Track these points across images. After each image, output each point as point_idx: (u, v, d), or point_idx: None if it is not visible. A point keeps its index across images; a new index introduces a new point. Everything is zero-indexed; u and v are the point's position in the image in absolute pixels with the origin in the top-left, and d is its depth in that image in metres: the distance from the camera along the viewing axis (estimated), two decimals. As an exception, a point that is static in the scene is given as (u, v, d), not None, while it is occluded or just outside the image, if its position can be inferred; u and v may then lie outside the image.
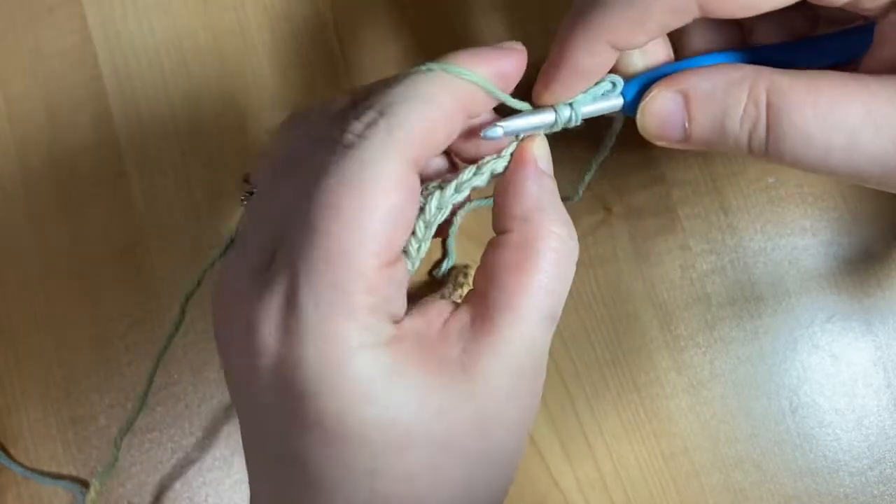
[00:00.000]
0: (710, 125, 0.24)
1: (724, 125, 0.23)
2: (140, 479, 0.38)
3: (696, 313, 0.37)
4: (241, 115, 0.39)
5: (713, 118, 0.23)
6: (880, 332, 0.36)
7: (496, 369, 0.22)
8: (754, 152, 0.23)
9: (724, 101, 0.23)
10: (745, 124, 0.23)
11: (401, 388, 0.21)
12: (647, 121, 0.24)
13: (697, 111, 0.24)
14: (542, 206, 0.23)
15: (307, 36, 0.39)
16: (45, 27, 0.40)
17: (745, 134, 0.23)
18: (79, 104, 0.40)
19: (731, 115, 0.23)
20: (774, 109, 0.22)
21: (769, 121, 0.23)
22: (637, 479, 0.36)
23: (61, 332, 0.39)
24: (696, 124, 0.24)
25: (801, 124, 0.22)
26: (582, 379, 0.37)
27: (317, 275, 0.20)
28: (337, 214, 0.20)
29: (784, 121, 0.22)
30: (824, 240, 0.37)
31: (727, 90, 0.23)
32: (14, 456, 0.38)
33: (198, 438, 0.38)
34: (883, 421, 0.36)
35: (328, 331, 0.20)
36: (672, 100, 0.24)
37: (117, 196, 0.39)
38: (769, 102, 0.22)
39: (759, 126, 0.23)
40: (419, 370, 0.21)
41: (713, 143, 0.24)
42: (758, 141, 0.23)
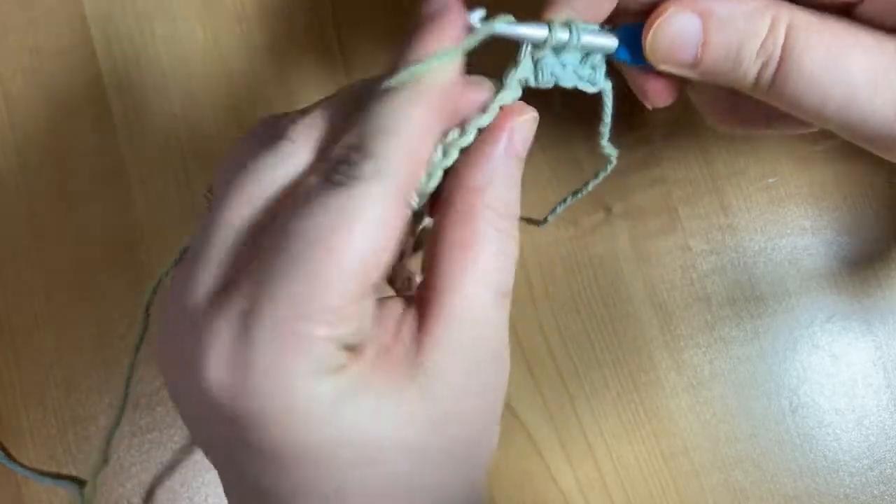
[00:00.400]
0: (724, 52, 0.23)
1: (739, 54, 0.23)
2: (140, 479, 0.38)
3: (696, 313, 0.37)
4: (241, 115, 0.39)
5: (729, 45, 0.22)
6: (880, 332, 0.36)
7: (447, 360, 0.21)
8: (758, 87, 0.23)
9: (744, 29, 0.22)
10: (759, 57, 0.22)
11: (357, 405, 0.19)
12: (659, 39, 0.23)
13: (714, 35, 0.23)
14: (493, 182, 0.22)
15: (307, 35, 0.39)
16: (45, 27, 0.40)
17: (756, 67, 0.23)
18: (79, 104, 0.40)
19: (749, 45, 0.22)
20: (789, 47, 0.22)
21: (782, 57, 0.22)
22: (637, 479, 0.36)
23: (61, 332, 0.39)
24: (710, 49, 0.23)
25: (809, 68, 0.22)
26: (582, 379, 0.37)
27: (281, 303, 0.18)
28: (318, 247, 0.18)
29: (795, 61, 0.22)
30: (824, 240, 0.37)
31: (750, 18, 0.22)
32: (14, 456, 0.38)
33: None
34: (883, 421, 0.36)
35: (283, 362, 0.18)
36: (689, 20, 0.23)
37: (117, 196, 0.39)
38: (786, 39, 0.22)
39: (772, 61, 0.22)
40: (375, 382, 0.20)
41: (720, 73, 0.23)
42: (766, 76, 0.23)
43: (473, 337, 0.21)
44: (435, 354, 0.20)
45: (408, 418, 0.20)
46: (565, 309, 0.37)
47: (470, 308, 0.21)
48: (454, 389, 0.21)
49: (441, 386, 0.21)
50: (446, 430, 0.21)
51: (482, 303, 0.21)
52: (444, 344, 0.21)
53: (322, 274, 0.18)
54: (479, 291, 0.21)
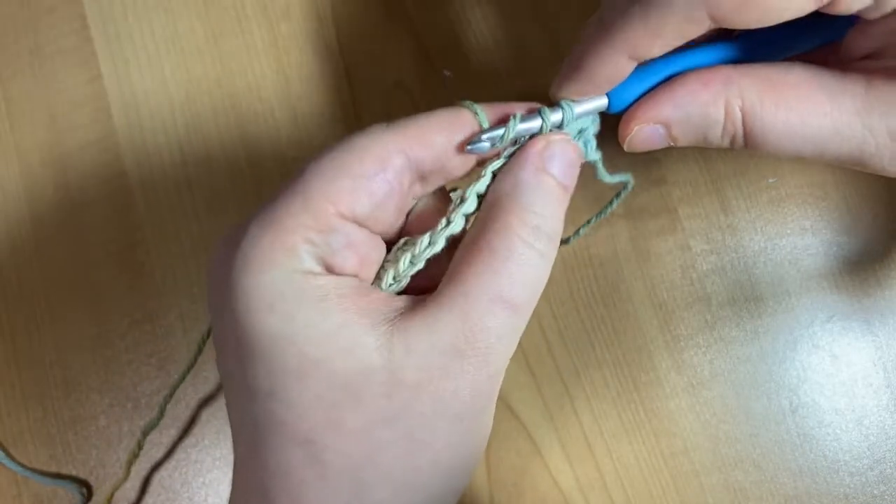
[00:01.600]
0: (694, 141, 0.26)
1: (706, 138, 0.25)
2: (140, 479, 0.38)
3: (696, 313, 0.37)
4: (241, 114, 0.39)
5: (696, 137, 0.25)
6: (880, 332, 0.36)
7: (423, 339, 0.22)
8: (735, 149, 0.26)
9: (703, 124, 0.25)
10: (725, 138, 0.25)
11: (309, 310, 0.21)
12: (634, 147, 0.26)
13: (679, 135, 0.25)
14: (522, 194, 0.23)
15: (307, 35, 0.39)
16: (45, 27, 0.40)
17: (726, 142, 0.25)
18: (79, 104, 0.40)
19: (712, 134, 0.25)
20: (749, 125, 0.24)
21: (745, 132, 0.24)
22: (637, 479, 0.36)
23: (61, 333, 0.39)
24: (680, 142, 0.26)
25: (774, 137, 0.24)
26: (582, 379, 0.37)
27: (276, 203, 0.23)
28: (317, 167, 0.23)
29: (758, 132, 0.24)
30: (824, 240, 0.37)
31: (704, 115, 0.24)
32: (14, 456, 0.38)
33: (198, 438, 0.38)
34: (883, 421, 0.36)
35: (261, 242, 0.22)
36: (653, 131, 0.25)
37: (117, 196, 0.39)
38: (744, 118, 0.24)
39: (738, 136, 0.25)
40: (339, 307, 0.21)
41: (696, 146, 0.26)
42: (737, 144, 0.25)
43: (457, 332, 0.22)
44: (414, 330, 0.22)
45: (361, 364, 0.21)
46: (565, 309, 0.37)
47: (462, 305, 0.22)
48: (419, 369, 0.21)
49: (406, 359, 0.21)
50: (400, 399, 0.21)
51: (478, 305, 0.22)
52: (425, 326, 0.22)
53: (310, 184, 0.23)
54: (479, 294, 0.22)
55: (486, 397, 0.23)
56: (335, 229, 0.22)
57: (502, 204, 0.23)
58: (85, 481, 0.38)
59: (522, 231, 0.23)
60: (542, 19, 0.38)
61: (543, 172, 0.24)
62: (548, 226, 0.23)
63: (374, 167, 0.23)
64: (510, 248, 0.22)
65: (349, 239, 0.23)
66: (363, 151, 0.23)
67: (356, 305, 0.22)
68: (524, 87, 0.38)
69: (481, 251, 0.23)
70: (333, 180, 0.22)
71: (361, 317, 0.22)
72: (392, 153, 0.23)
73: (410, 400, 0.22)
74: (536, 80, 0.38)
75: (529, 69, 0.38)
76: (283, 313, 0.21)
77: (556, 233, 0.24)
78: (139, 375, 0.38)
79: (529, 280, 0.23)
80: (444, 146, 0.24)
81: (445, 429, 0.22)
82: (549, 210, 0.23)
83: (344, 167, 0.23)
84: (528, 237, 0.23)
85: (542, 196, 0.23)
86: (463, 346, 0.22)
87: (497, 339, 0.22)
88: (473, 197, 0.24)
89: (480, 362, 0.22)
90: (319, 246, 0.22)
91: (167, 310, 0.38)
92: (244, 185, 0.39)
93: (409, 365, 0.21)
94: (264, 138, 0.39)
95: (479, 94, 0.38)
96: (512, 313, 0.22)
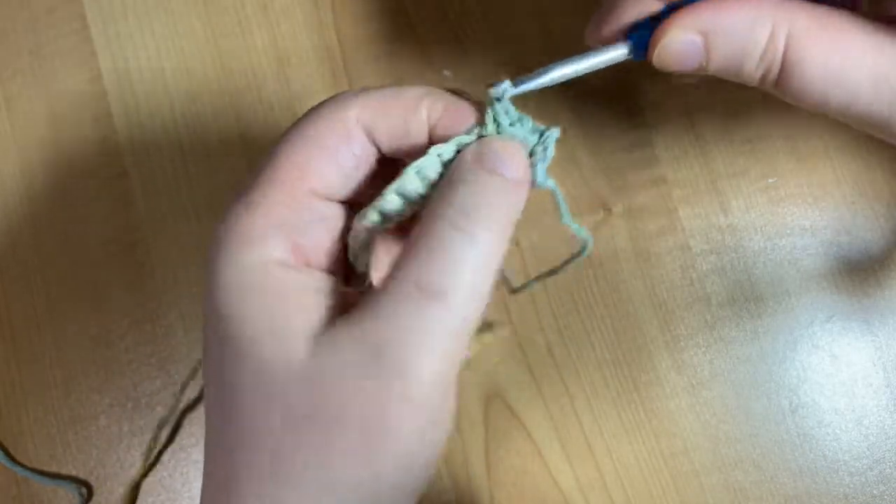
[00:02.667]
0: (727, 62, 0.24)
1: (741, 63, 0.24)
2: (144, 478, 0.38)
3: (696, 313, 0.37)
4: (241, 114, 0.39)
5: (732, 57, 0.24)
6: (880, 332, 0.36)
7: (344, 333, 0.21)
8: (763, 85, 0.24)
9: (745, 42, 0.23)
10: (761, 65, 0.23)
11: (260, 297, 0.22)
12: (664, 59, 0.24)
13: (717, 50, 0.24)
14: (455, 185, 0.22)
15: (307, 35, 0.39)
16: (45, 27, 0.40)
17: (759, 72, 0.24)
18: (79, 104, 0.40)
19: (751, 56, 0.23)
20: (789, 56, 0.23)
21: (783, 64, 0.23)
22: (637, 479, 0.36)
23: (61, 332, 0.39)
24: (713, 59, 0.24)
25: (809, 74, 0.23)
26: (582, 379, 0.37)
27: (250, 185, 0.23)
28: (286, 143, 0.23)
29: (795, 67, 0.23)
30: (824, 240, 0.37)
31: (750, 30, 0.23)
32: (14, 456, 0.38)
33: (197, 438, 0.38)
34: (883, 421, 0.36)
35: (235, 227, 0.23)
36: (691, 42, 0.23)
37: (117, 196, 0.39)
38: (786, 48, 0.23)
39: (774, 68, 0.23)
40: (292, 299, 0.22)
41: (726, 76, 0.24)
42: (769, 79, 0.24)
43: (374, 322, 0.20)
44: (340, 320, 0.21)
45: (287, 344, 0.21)
46: (565, 309, 0.37)
47: (382, 296, 0.21)
48: (334, 361, 0.21)
49: (323, 350, 0.21)
50: (320, 392, 0.21)
51: (399, 295, 0.20)
52: (350, 318, 0.21)
53: (281, 163, 0.23)
54: (400, 283, 0.21)
55: (411, 407, 0.21)
56: (306, 206, 0.23)
57: (436, 200, 0.22)
58: (85, 481, 0.38)
59: (448, 212, 0.21)
60: (541, 19, 0.38)
61: (478, 165, 0.22)
62: (488, 217, 0.21)
63: (341, 139, 0.23)
64: (432, 233, 0.21)
65: (319, 214, 0.23)
66: (330, 123, 0.23)
67: (303, 301, 0.22)
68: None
69: (410, 245, 0.21)
70: (302, 155, 0.23)
71: (302, 311, 0.21)
72: (357, 125, 0.23)
73: (323, 400, 0.21)
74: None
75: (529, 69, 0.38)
76: (238, 294, 0.22)
77: (501, 224, 0.21)
78: (139, 375, 0.38)
79: (457, 266, 0.20)
80: (399, 124, 0.23)
81: (358, 437, 0.21)
82: (488, 202, 0.21)
83: (312, 140, 0.23)
84: (456, 219, 0.21)
85: (476, 184, 0.22)
86: (383, 344, 0.20)
87: (422, 335, 0.20)
88: (412, 174, 0.22)
89: (402, 364, 0.20)
90: (289, 224, 0.23)
91: (167, 310, 0.38)
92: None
93: (327, 363, 0.21)
94: (264, 138, 0.39)
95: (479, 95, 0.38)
96: (440, 305, 0.20)
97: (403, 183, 0.22)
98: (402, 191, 0.23)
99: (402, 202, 0.23)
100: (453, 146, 0.23)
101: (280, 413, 0.21)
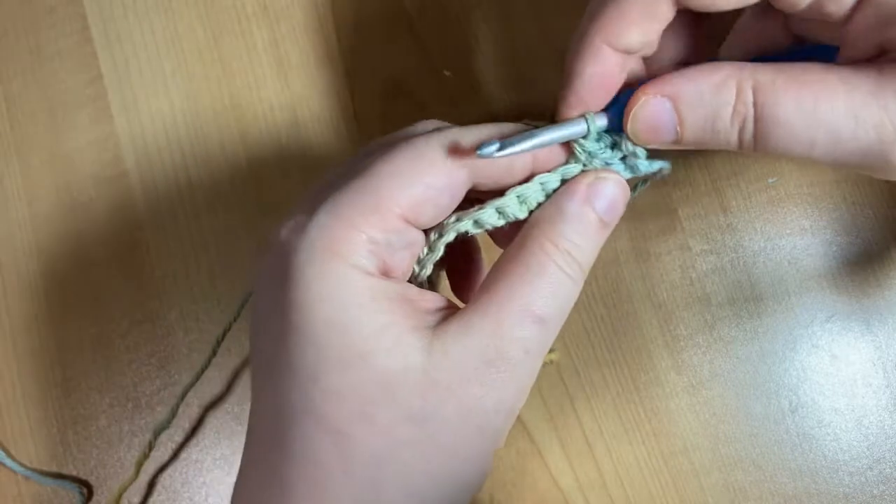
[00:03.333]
0: (701, 126, 0.24)
1: (714, 125, 0.24)
2: (140, 479, 0.38)
3: (696, 313, 0.37)
4: (241, 115, 0.39)
5: (704, 120, 0.24)
6: (880, 332, 0.36)
7: (458, 342, 0.23)
8: (743, 146, 0.24)
9: (713, 102, 0.23)
10: (735, 123, 0.23)
11: (361, 306, 0.22)
12: (639, 127, 0.25)
13: (688, 114, 0.24)
14: (562, 221, 0.24)
15: (307, 35, 0.39)
16: (45, 27, 0.40)
17: (735, 131, 0.24)
18: (79, 104, 0.40)
19: (722, 115, 0.23)
20: (760, 106, 0.23)
21: (756, 117, 0.23)
22: (637, 478, 0.36)
23: (61, 332, 0.39)
24: (687, 126, 0.24)
25: (786, 120, 0.23)
26: (582, 379, 0.37)
27: (347, 196, 0.23)
28: (389, 168, 0.23)
29: (770, 117, 0.23)
30: (824, 240, 0.37)
31: (716, 91, 0.23)
32: (14, 456, 0.38)
33: (198, 438, 0.38)
34: (882, 421, 0.36)
35: (329, 234, 0.23)
36: (661, 105, 0.24)
37: (117, 196, 0.39)
38: (755, 100, 0.23)
39: (748, 123, 0.23)
40: (388, 308, 0.23)
41: (704, 142, 0.25)
42: (747, 137, 0.24)
43: (488, 341, 0.23)
44: (451, 334, 0.23)
45: (399, 363, 0.22)
46: (565, 309, 0.37)
47: (493, 315, 0.23)
48: (451, 372, 0.22)
49: (442, 361, 0.22)
50: (433, 398, 0.22)
51: (509, 317, 0.23)
52: (462, 333, 0.23)
53: (382, 183, 0.23)
54: (513, 304, 0.23)
55: (505, 414, 0.24)
56: (398, 231, 0.24)
57: (542, 227, 0.24)
58: (85, 481, 0.38)
59: (555, 254, 0.24)
60: (541, 19, 0.38)
61: (587, 205, 0.25)
62: (581, 255, 0.24)
63: (445, 179, 0.24)
64: (542, 266, 0.24)
65: (408, 240, 0.24)
66: (434, 161, 0.24)
67: (402, 309, 0.23)
68: (524, 88, 0.38)
69: (517, 266, 0.24)
70: (404, 187, 0.23)
71: (406, 319, 0.23)
72: (459, 166, 0.24)
73: (439, 403, 0.22)
74: (536, 80, 0.38)
75: (529, 69, 0.38)
76: (338, 305, 0.22)
77: (588, 263, 0.25)
78: (139, 375, 0.38)
79: (558, 298, 0.24)
80: (507, 163, 0.25)
81: (466, 439, 0.23)
82: (584, 241, 0.24)
83: (415, 175, 0.24)
84: (560, 260, 0.24)
85: (579, 227, 0.25)
86: (493, 354, 0.23)
87: (525, 351, 0.23)
88: (513, 197, 0.25)
89: (508, 374, 0.23)
90: (381, 245, 0.23)
91: (167, 310, 0.38)
92: (244, 185, 0.39)
93: (443, 367, 0.22)
94: (264, 138, 0.39)
95: (479, 94, 0.38)
96: (540, 327, 0.23)
97: (505, 202, 0.25)
98: (501, 209, 0.25)
99: (497, 218, 0.25)
100: (558, 176, 0.25)
101: (389, 414, 0.22)
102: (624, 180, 0.26)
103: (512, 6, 0.39)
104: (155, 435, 0.37)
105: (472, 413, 0.23)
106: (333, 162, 0.39)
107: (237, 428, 0.38)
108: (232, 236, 0.38)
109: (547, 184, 0.25)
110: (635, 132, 0.25)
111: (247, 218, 0.39)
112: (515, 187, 0.25)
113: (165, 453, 0.38)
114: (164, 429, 0.37)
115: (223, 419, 0.38)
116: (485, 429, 0.23)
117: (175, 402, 0.37)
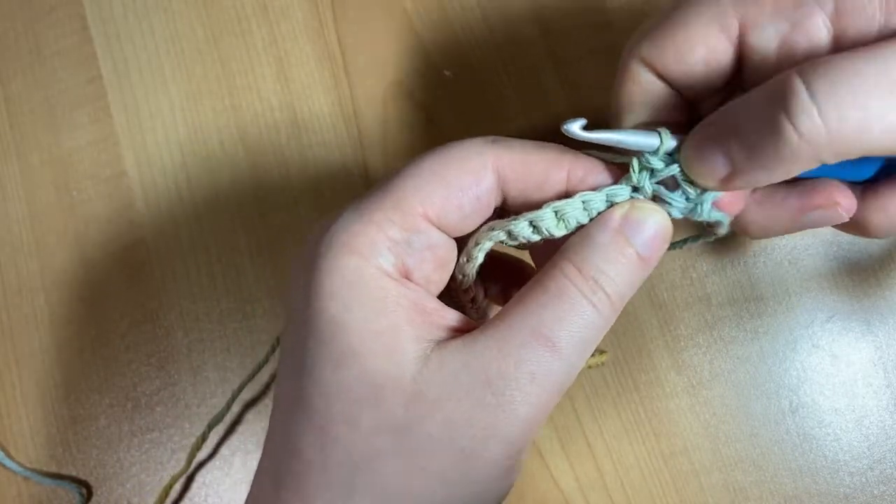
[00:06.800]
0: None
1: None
2: (140, 479, 0.38)
3: (696, 313, 0.37)
4: (241, 115, 0.39)
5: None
6: (880, 332, 0.36)
7: (457, 358, 0.22)
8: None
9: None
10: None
11: (366, 304, 0.22)
12: (691, 161, 0.24)
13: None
14: (590, 250, 0.23)
15: (307, 35, 0.39)
16: (45, 27, 0.40)
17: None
18: (79, 104, 0.40)
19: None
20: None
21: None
22: (637, 478, 0.36)
23: (61, 332, 0.39)
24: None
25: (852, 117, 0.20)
26: (582, 379, 0.37)
27: (371, 196, 0.23)
28: (416, 170, 0.23)
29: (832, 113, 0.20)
30: (824, 240, 0.37)
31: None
32: (14, 456, 0.38)
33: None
34: (883, 421, 0.36)
35: (348, 229, 0.23)
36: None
37: (117, 196, 0.39)
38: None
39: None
40: (393, 311, 0.22)
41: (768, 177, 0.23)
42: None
43: (488, 360, 0.22)
44: (450, 350, 0.22)
45: (395, 357, 0.22)
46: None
47: (498, 335, 0.22)
48: (441, 387, 0.22)
49: (431, 376, 0.22)
50: (420, 411, 0.22)
51: (515, 339, 0.22)
52: (466, 344, 0.22)
53: (407, 184, 0.23)
54: (523, 325, 0.22)
55: (498, 442, 0.22)
56: (419, 230, 0.23)
57: (567, 253, 0.23)
58: (85, 481, 0.38)
59: (576, 278, 0.22)
60: (541, 20, 0.38)
61: (620, 235, 0.23)
62: (610, 286, 0.23)
63: (470, 180, 0.23)
64: (561, 290, 0.22)
65: (430, 241, 0.24)
66: (462, 163, 0.23)
67: (410, 315, 0.22)
68: (524, 87, 0.38)
69: (534, 289, 0.23)
70: (428, 186, 0.23)
71: (411, 326, 0.22)
72: (488, 170, 0.24)
73: (423, 416, 0.22)
74: (536, 81, 0.38)
75: (529, 70, 0.38)
76: (344, 301, 0.22)
77: (619, 296, 0.23)
78: (139, 375, 0.38)
79: (576, 327, 0.22)
80: (540, 178, 0.24)
81: (449, 461, 0.22)
82: (615, 271, 0.23)
83: (440, 175, 0.23)
84: (582, 286, 0.22)
85: (609, 255, 0.23)
86: (492, 374, 0.22)
87: (530, 376, 0.22)
88: (549, 211, 0.24)
89: (505, 398, 0.22)
90: (400, 243, 0.23)
91: (167, 310, 0.38)
92: (244, 185, 0.39)
93: (434, 380, 0.22)
94: (264, 138, 0.39)
95: (479, 95, 0.38)
96: (551, 353, 0.22)
97: (539, 215, 0.24)
98: (536, 222, 0.24)
99: (531, 231, 0.24)
100: (604, 196, 0.24)
101: (372, 420, 0.22)
102: (667, 216, 0.24)
103: (512, 6, 0.39)
104: (209, 428, 0.36)
105: (457, 434, 0.22)
106: (333, 162, 0.39)
107: (237, 428, 0.38)
108: (232, 236, 0.38)
109: (590, 202, 0.24)
110: (687, 162, 0.23)
111: (247, 218, 0.39)
112: (553, 202, 0.24)
113: (164, 454, 0.38)
114: (217, 422, 0.37)
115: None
116: (471, 455, 0.22)
117: (230, 397, 0.37)
